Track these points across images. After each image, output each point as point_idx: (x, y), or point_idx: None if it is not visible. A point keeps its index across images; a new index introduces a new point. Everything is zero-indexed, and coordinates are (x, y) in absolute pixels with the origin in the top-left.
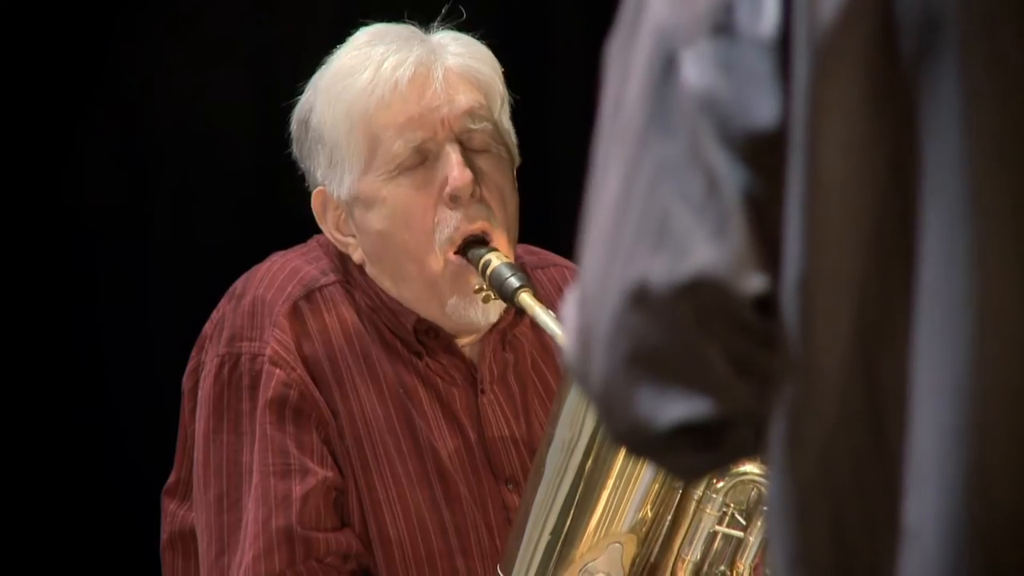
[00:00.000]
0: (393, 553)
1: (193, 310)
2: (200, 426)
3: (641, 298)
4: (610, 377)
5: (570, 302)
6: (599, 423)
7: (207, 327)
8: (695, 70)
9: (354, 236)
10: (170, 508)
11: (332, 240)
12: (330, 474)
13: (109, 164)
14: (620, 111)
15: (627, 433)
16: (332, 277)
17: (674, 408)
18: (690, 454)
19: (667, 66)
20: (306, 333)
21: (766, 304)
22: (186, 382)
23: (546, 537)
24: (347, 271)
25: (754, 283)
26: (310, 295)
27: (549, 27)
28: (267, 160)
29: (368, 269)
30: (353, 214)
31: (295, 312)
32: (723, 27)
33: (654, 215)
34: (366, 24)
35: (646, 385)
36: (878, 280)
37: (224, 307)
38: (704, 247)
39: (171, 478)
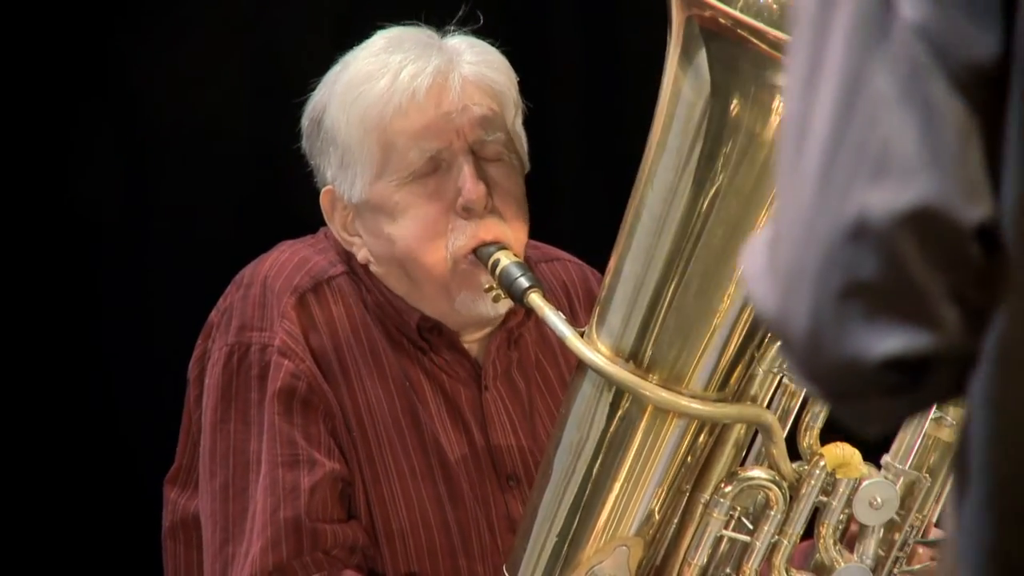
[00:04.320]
0: (397, 547)
1: (193, 302)
2: (207, 415)
3: (859, 230)
4: (819, 314)
5: (757, 249)
6: (607, 426)
7: (213, 315)
8: (912, 2)
9: (360, 236)
10: (171, 496)
11: (339, 238)
12: (337, 466)
13: (110, 162)
14: (824, 51)
15: (833, 372)
16: (340, 268)
17: (887, 341)
18: (887, 397)
19: (882, 3)
20: (313, 325)
21: (989, 239)
22: (192, 370)
23: (552, 539)
24: (352, 266)
25: (976, 213)
26: (317, 287)
27: (548, 28)
28: (267, 159)
29: (373, 268)
30: (363, 217)
31: (302, 304)
32: None
33: (873, 147)
34: (370, 24)
35: (859, 319)
36: None
37: (232, 295)
38: (926, 177)
39: (173, 466)
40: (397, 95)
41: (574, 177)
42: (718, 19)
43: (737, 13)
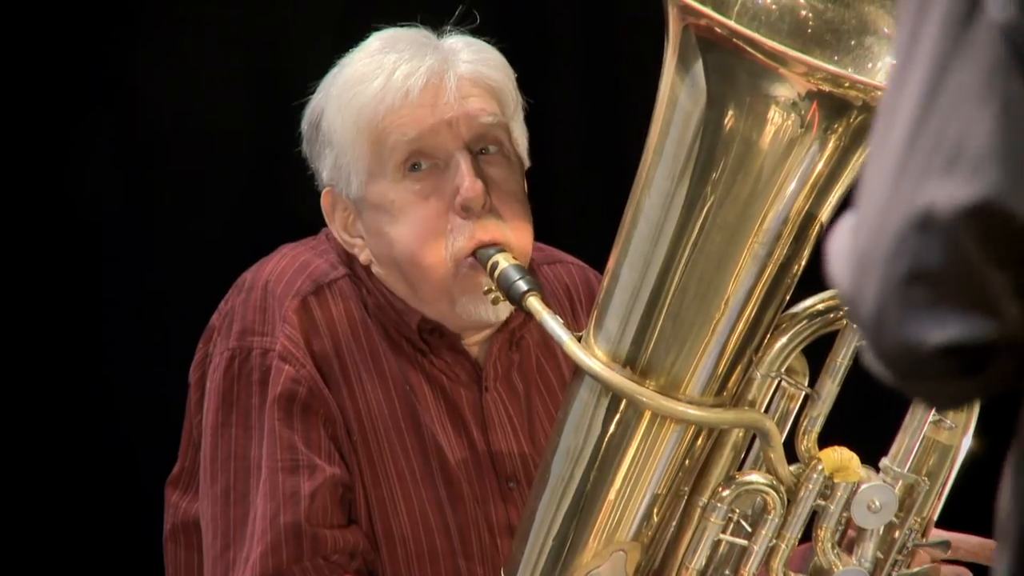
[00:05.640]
0: (397, 550)
1: (194, 304)
2: (208, 419)
3: (926, 221)
4: (884, 297)
5: (842, 232)
6: (604, 431)
7: (215, 318)
8: (999, 4)
9: (362, 237)
10: (173, 499)
11: (339, 240)
12: (337, 471)
13: (110, 162)
14: (917, 45)
15: (895, 355)
16: (342, 270)
17: (945, 328)
18: (954, 379)
19: (972, 2)
20: (315, 329)
21: None
22: (193, 373)
23: (550, 543)
24: (353, 268)
25: None
26: (319, 290)
27: (547, 29)
28: (267, 159)
29: (375, 269)
30: (363, 217)
31: (304, 308)
32: None
33: (949, 141)
34: (369, 24)
35: (920, 305)
36: None
37: (233, 299)
38: (994, 173)
39: (175, 469)
40: (391, 95)
41: (573, 177)
42: (714, 29)
43: (733, 24)
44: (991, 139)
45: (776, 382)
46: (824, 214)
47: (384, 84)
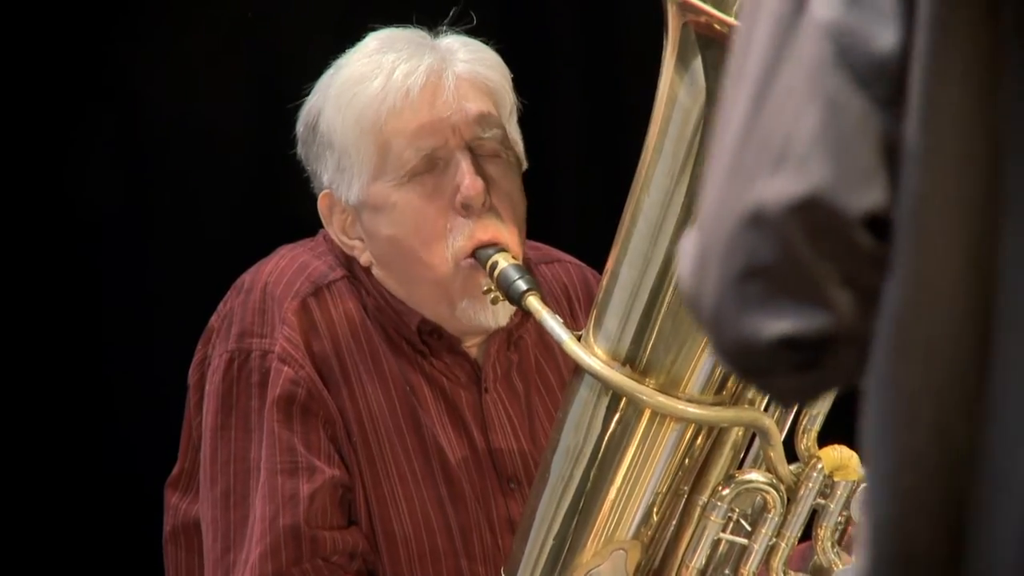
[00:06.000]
0: (398, 551)
1: (194, 305)
2: (207, 421)
3: (757, 218)
4: (721, 294)
5: (689, 236)
6: (604, 430)
7: (214, 320)
8: (823, 2)
9: (361, 239)
10: (173, 501)
11: (338, 243)
12: (337, 472)
13: (110, 163)
14: (750, 48)
15: (734, 351)
16: (340, 272)
17: (779, 322)
18: (793, 374)
19: (797, 3)
20: (314, 330)
21: (879, 226)
22: (192, 375)
23: (550, 542)
24: (352, 270)
25: (865, 202)
26: (318, 291)
27: (547, 29)
28: (267, 159)
29: (375, 271)
30: (362, 219)
31: (304, 309)
32: None
33: (776, 139)
34: (368, 25)
35: (755, 300)
36: (992, 201)
37: (232, 301)
38: (818, 168)
39: (174, 470)
40: (391, 95)
41: (573, 177)
42: (714, 26)
43: (733, 20)
44: (815, 135)
45: None
46: None
47: (384, 84)
